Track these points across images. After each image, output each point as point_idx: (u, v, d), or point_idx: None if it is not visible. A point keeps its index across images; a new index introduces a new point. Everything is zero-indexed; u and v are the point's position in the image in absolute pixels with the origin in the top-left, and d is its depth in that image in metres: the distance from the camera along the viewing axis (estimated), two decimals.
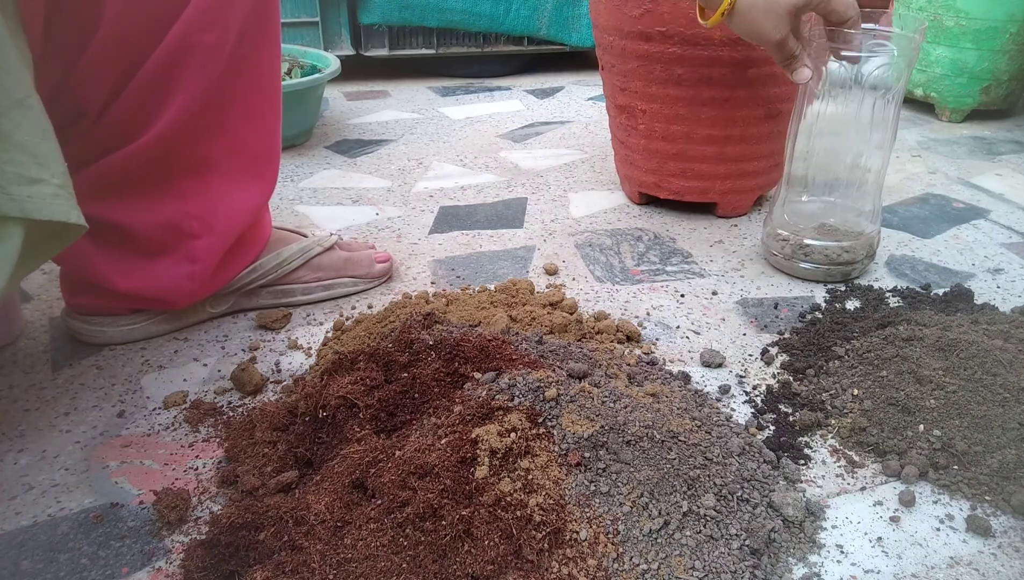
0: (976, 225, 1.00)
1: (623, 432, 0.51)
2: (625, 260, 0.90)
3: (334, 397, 0.55)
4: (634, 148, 1.01)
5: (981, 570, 0.48)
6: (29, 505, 0.53)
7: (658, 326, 0.76)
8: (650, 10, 0.87)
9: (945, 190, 1.12)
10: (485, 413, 0.51)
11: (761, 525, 0.48)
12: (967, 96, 1.40)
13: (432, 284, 0.84)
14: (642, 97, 0.95)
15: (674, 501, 0.48)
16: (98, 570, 0.48)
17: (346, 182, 1.14)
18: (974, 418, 0.57)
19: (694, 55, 0.87)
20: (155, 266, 0.67)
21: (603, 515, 0.47)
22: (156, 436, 0.60)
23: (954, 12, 1.34)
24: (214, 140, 0.65)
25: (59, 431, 0.61)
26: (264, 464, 0.54)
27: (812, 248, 0.83)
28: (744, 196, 1.01)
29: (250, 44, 0.64)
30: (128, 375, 0.68)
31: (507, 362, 0.58)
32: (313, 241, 0.79)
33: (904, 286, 0.83)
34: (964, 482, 0.54)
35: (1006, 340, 0.64)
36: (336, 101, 1.60)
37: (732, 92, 0.90)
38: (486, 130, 1.40)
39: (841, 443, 0.59)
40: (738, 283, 0.85)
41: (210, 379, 0.67)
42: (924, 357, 0.63)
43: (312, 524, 0.46)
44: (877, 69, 0.74)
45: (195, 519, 0.51)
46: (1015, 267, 0.88)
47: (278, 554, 0.45)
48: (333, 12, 1.65)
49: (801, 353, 0.70)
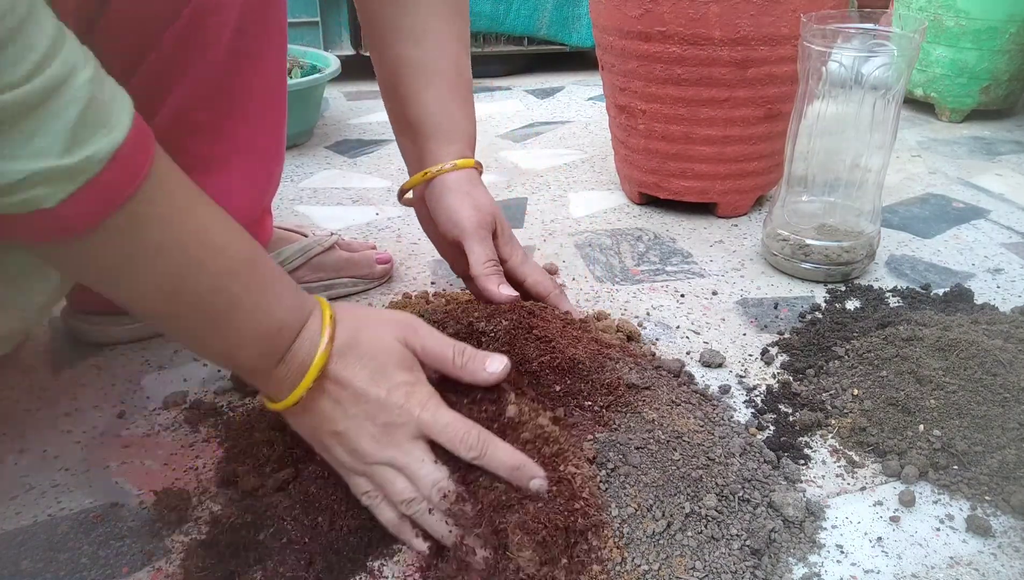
0: (976, 225, 1.00)
1: (632, 433, 0.51)
2: (625, 260, 0.90)
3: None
4: (634, 148, 1.01)
5: (981, 570, 0.48)
6: (29, 505, 0.53)
7: (658, 326, 0.76)
8: (650, 10, 0.87)
9: (945, 190, 1.12)
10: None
11: (761, 525, 0.48)
12: (967, 96, 1.40)
13: (432, 284, 0.84)
14: (642, 97, 0.95)
15: (677, 503, 0.48)
16: (98, 570, 0.48)
17: (346, 182, 1.14)
18: (974, 418, 0.57)
19: (694, 55, 0.87)
20: None
21: (614, 518, 0.47)
22: (156, 436, 0.60)
23: (954, 12, 1.34)
24: (219, 136, 0.65)
25: (59, 431, 0.61)
26: (263, 464, 0.54)
27: (812, 248, 0.83)
28: (744, 196, 1.01)
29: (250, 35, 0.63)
30: (128, 375, 0.68)
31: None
32: (313, 241, 0.79)
33: (904, 286, 0.83)
34: (964, 482, 0.54)
35: (1006, 340, 0.64)
36: (336, 101, 1.60)
37: (732, 92, 0.90)
38: (486, 130, 1.40)
39: (841, 443, 0.59)
40: (738, 283, 0.85)
41: (210, 379, 0.67)
42: (924, 357, 0.63)
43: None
44: (877, 69, 0.74)
45: (195, 519, 0.51)
46: (1015, 267, 0.88)
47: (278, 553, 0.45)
48: (333, 12, 1.65)
49: (801, 353, 0.70)
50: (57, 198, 0.34)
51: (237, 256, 0.44)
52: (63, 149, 0.34)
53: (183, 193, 0.42)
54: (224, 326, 0.43)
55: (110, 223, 0.37)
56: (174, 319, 0.43)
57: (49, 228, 0.36)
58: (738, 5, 0.83)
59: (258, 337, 0.44)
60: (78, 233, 0.37)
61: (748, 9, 0.84)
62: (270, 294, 0.45)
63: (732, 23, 0.84)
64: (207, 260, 0.42)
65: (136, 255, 0.40)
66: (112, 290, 0.41)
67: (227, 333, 0.44)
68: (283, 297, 0.45)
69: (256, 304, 0.44)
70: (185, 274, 0.41)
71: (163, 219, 0.40)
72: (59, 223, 0.36)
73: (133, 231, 0.39)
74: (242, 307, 0.43)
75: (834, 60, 0.76)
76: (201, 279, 0.42)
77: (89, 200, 0.36)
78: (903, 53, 0.74)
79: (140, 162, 0.38)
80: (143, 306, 0.42)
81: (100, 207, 0.36)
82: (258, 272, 0.45)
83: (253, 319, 0.44)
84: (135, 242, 0.39)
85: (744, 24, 0.84)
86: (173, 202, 0.41)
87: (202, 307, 0.43)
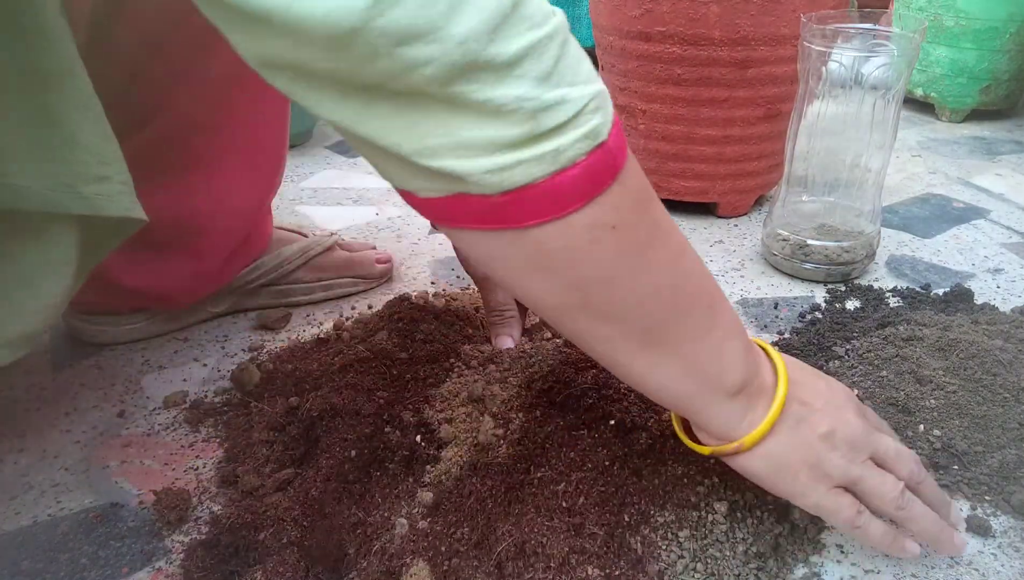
0: (976, 225, 1.00)
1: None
2: None
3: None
4: (634, 148, 1.01)
5: (981, 570, 0.48)
6: (29, 505, 0.53)
7: None
8: (650, 10, 0.87)
9: (945, 190, 1.12)
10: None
11: (768, 529, 0.48)
12: (967, 96, 1.40)
13: (432, 284, 0.84)
14: (642, 97, 0.95)
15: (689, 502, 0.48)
16: (98, 570, 0.48)
17: (346, 182, 1.14)
18: (974, 418, 0.57)
19: (694, 55, 0.87)
20: (162, 262, 0.67)
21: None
22: (156, 436, 0.60)
23: (954, 12, 1.34)
24: (221, 136, 0.65)
25: (59, 431, 0.61)
26: (263, 464, 0.54)
27: (812, 248, 0.83)
28: (744, 196, 1.01)
29: None
30: (128, 375, 0.68)
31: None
32: (314, 241, 0.79)
33: (904, 286, 0.83)
34: (964, 482, 0.54)
35: (1006, 340, 0.64)
36: None
37: (732, 92, 0.90)
38: None
39: None
40: (738, 283, 0.85)
41: (210, 379, 0.67)
42: (924, 357, 0.63)
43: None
44: (877, 69, 0.74)
45: (195, 519, 0.51)
46: (1015, 267, 0.88)
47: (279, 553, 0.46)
48: None
49: (801, 353, 0.70)
50: (608, 125, 0.33)
51: (695, 255, 0.41)
52: (587, 77, 0.33)
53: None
54: (714, 316, 0.40)
55: (631, 167, 0.35)
56: (680, 313, 0.39)
57: (607, 167, 0.33)
58: (738, 5, 0.83)
59: (740, 350, 0.41)
60: (617, 172, 0.34)
61: (748, 9, 0.84)
62: (728, 306, 0.42)
63: (732, 23, 0.84)
64: (687, 250, 0.39)
65: (652, 224, 0.37)
66: (636, 278, 0.37)
67: (717, 326, 0.40)
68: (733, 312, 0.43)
69: (729, 310, 0.41)
70: (683, 254, 0.39)
71: (649, 194, 0.37)
72: (610, 158, 0.33)
73: (643, 182, 0.36)
74: (723, 309, 0.40)
75: (834, 60, 0.76)
76: (689, 263, 0.39)
77: (616, 130, 0.34)
78: (903, 53, 0.74)
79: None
80: (655, 298, 0.38)
81: (621, 139, 0.34)
82: (712, 278, 0.42)
83: (732, 323, 0.41)
84: (649, 200, 0.37)
85: (744, 24, 0.84)
86: (643, 178, 0.38)
87: (702, 296, 0.39)
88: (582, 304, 0.37)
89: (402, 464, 0.52)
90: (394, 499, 0.49)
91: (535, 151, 0.31)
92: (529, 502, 0.47)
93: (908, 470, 0.44)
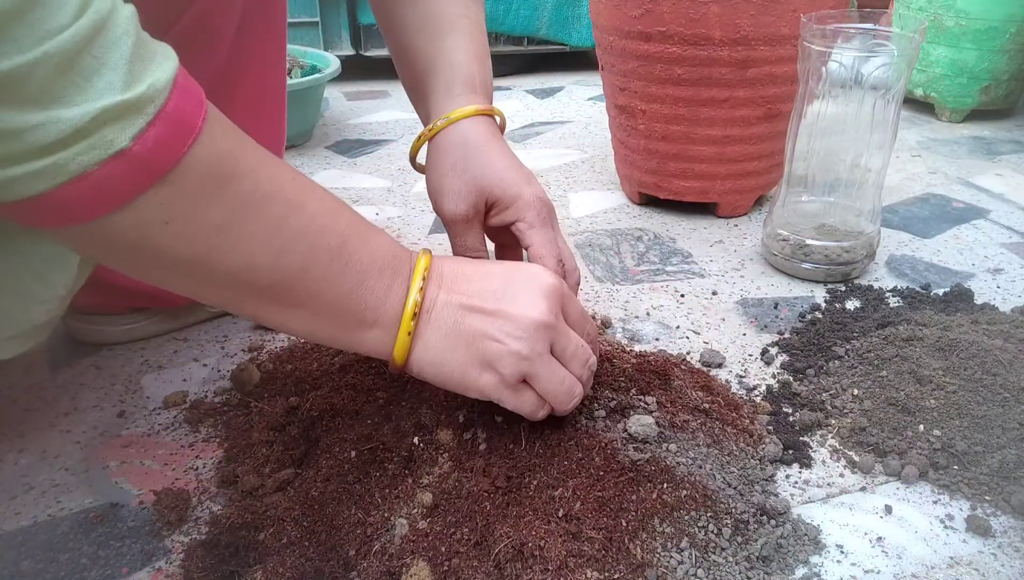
0: (976, 225, 1.00)
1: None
2: (625, 260, 0.90)
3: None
4: (634, 148, 1.01)
5: (981, 570, 0.48)
6: (29, 505, 0.53)
7: (658, 326, 0.76)
8: (650, 10, 0.87)
9: (945, 190, 1.12)
10: None
11: (770, 531, 0.48)
12: (967, 96, 1.40)
13: None
14: (642, 97, 0.95)
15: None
16: (98, 570, 0.48)
17: (346, 182, 1.14)
18: (974, 418, 0.57)
19: (694, 55, 0.87)
20: None
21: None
22: (156, 436, 0.60)
23: (954, 12, 1.34)
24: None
25: (59, 431, 0.61)
26: (263, 464, 0.54)
27: (812, 248, 0.83)
28: (744, 196, 1.01)
29: (251, 34, 0.63)
30: (128, 375, 0.68)
31: None
32: None
33: (904, 286, 0.83)
34: (964, 482, 0.54)
35: (1006, 340, 0.64)
36: (336, 101, 1.60)
37: (732, 92, 0.90)
38: None
39: (841, 443, 0.59)
40: (738, 283, 0.85)
41: (210, 379, 0.67)
42: (924, 357, 0.63)
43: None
44: (877, 69, 0.74)
45: (195, 519, 0.51)
46: (1015, 267, 0.88)
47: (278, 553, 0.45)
48: (333, 12, 1.65)
49: (801, 353, 0.70)
50: (129, 134, 0.33)
51: (326, 196, 0.43)
52: (124, 83, 0.33)
53: (241, 134, 0.41)
54: (344, 264, 0.42)
55: (191, 163, 0.36)
56: (296, 274, 0.41)
57: (133, 174, 0.34)
58: (738, 5, 0.83)
59: (381, 268, 0.44)
60: (161, 174, 0.35)
61: (748, 9, 0.84)
62: (369, 227, 0.45)
63: (732, 23, 0.84)
64: (306, 201, 0.41)
65: (234, 203, 0.38)
66: (224, 256, 0.39)
67: (349, 271, 0.43)
68: (379, 232, 0.45)
69: (363, 235, 0.44)
70: (290, 216, 0.40)
71: (242, 157, 0.39)
72: (139, 165, 0.34)
73: (218, 170, 0.37)
74: (352, 241, 0.43)
75: (834, 60, 0.76)
76: (305, 220, 0.41)
77: (162, 133, 0.35)
78: (903, 53, 0.74)
79: (197, 91, 0.37)
80: (260, 269, 0.40)
81: (175, 139, 0.35)
82: (348, 208, 0.44)
83: (368, 249, 0.44)
84: (225, 184, 0.38)
85: (744, 24, 0.84)
86: (243, 139, 0.40)
87: (318, 251, 0.41)
88: (184, 278, 0.40)
89: (401, 465, 0.52)
90: (394, 499, 0.49)
91: (30, 167, 0.32)
92: (527, 505, 0.47)
93: (578, 373, 0.49)
